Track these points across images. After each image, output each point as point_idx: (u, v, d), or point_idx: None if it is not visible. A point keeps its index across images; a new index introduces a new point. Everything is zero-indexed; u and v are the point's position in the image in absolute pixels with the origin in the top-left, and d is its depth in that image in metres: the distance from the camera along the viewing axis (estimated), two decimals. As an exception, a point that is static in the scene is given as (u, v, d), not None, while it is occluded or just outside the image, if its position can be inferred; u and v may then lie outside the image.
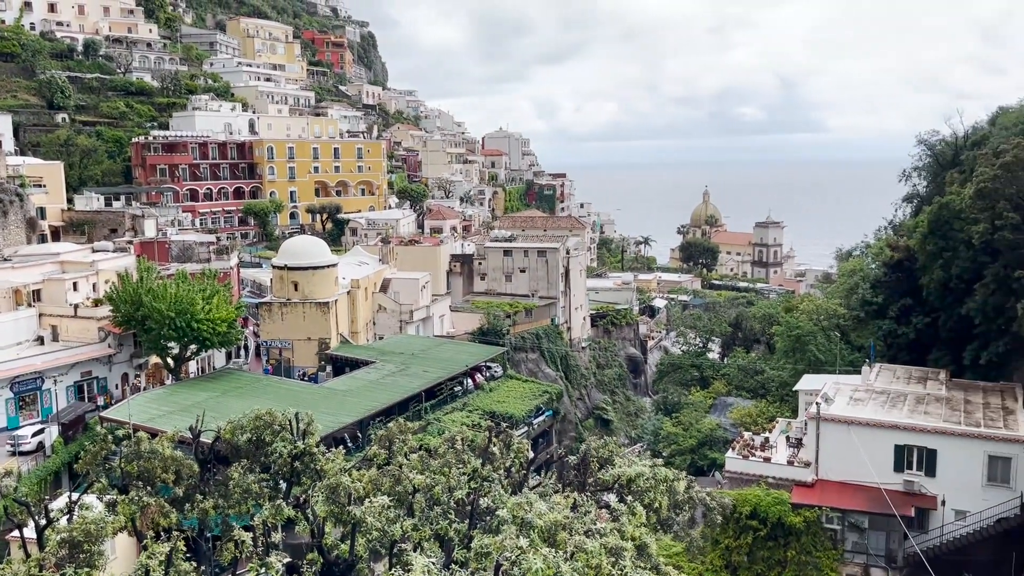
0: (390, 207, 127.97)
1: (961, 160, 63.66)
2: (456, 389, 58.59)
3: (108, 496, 26.43)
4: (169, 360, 53.97)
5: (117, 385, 55.03)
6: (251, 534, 22.75)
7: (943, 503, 41.81)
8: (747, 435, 51.23)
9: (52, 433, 45.83)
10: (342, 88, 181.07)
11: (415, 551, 20.50)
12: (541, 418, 60.93)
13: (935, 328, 57.72)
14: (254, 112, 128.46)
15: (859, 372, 53.07)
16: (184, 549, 22.48)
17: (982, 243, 49.03)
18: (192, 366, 58.46)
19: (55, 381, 51.54)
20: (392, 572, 18.76)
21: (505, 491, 22.16)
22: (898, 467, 42.74)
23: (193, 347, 53.65)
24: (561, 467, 30.64)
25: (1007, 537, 40.51)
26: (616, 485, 24.02)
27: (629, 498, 22.70)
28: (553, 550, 17.92)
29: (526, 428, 56.81)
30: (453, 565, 19.87)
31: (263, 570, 20.68)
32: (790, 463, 45.51)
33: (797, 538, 41.92)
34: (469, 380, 60.67)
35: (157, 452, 27.18)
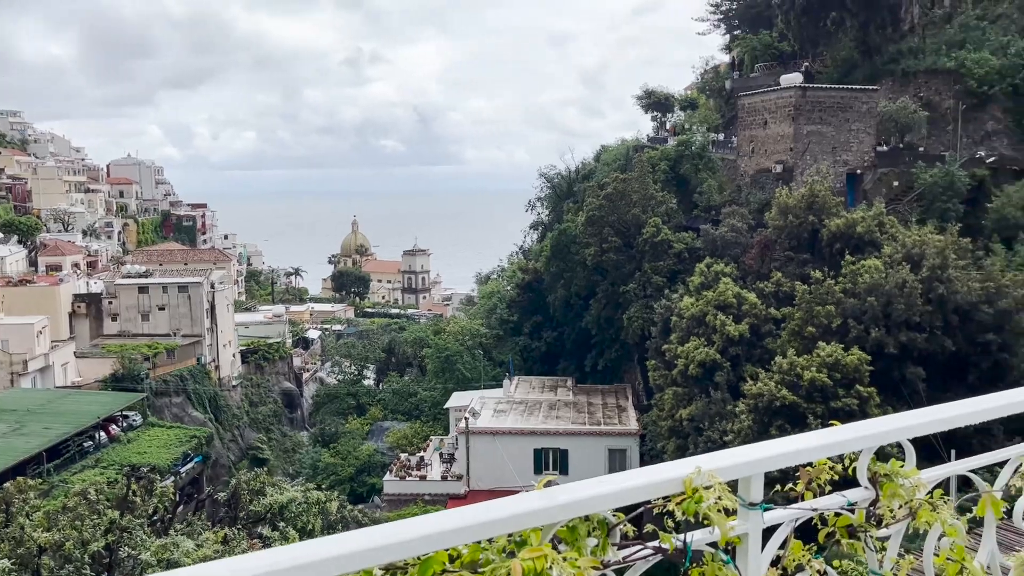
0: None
1: (575, 191, 72.27)
2: (86, 444, 52.53)
3: None
4: None
5: None
6: None
7: (576, 496, 46.89)
8: (403, 456, 52.81)
9: None
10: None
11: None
12: (190, 465, 56.93)
13: (562, 340, 64.74)
14: None
15: (501, 386, 57.58)
16: None
17: (594, 264, 56.20)
18: None
19: None
20: None
21: (149, 537, 20.46)
22: (538, 469, 47.06)
23: None
24: (212, 506, 29.09)
25: (627, 518, 46.61)
26: (269, 514, 23.45)
27: (282, 524, 22.28)
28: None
29: (173, 477, 52.67)
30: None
31: None
32: (444, 478, 47.84)
33: (454, 549, 44.06)
34: (103, 433, 54.78)
35: None
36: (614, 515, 1.85)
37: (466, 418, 48.35)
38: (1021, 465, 2.61)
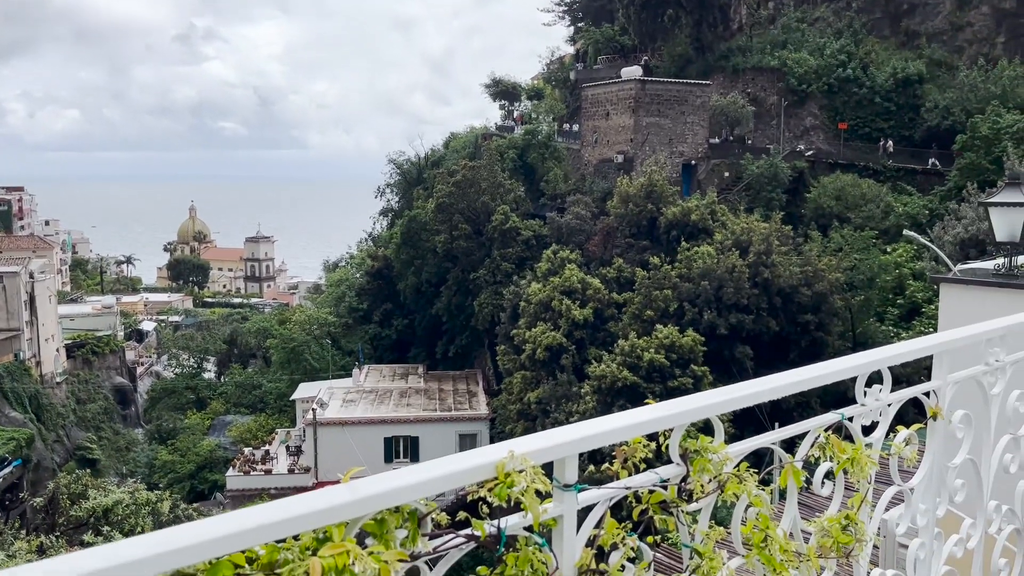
0: None
1: (425, 178, 71.68)
2: None
3: None
4: None
5: None
6: None
7: (427, 483, 46.90)
8: (248, 451, 50.95)
9: None
10: None
11: None
12: (7, 469, 52.57)
13: (413, 328, 64.40)
14: None
15: (351, 375, 56.57)
16: None
17: (444, 251, 56.14)
18: None
19: None
20: None
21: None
22: (388, 458, 46.70)
23: None
24: (27, 512, 26.87)
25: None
26: (92, 519, 21.87)
27: (107, 528, 20.87)
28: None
29: (-13, 484, 48.46)
30: None
31: None
32: (291, 471, 46.56)
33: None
34: (-99, 439, 49.45)
35: None
36: (425, 504, 1.80)
37: (313, 409, 47.20)
38: (819, 437, 2.79)
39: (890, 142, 53.94)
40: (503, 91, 78.43)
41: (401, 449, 46.87)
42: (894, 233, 44.50)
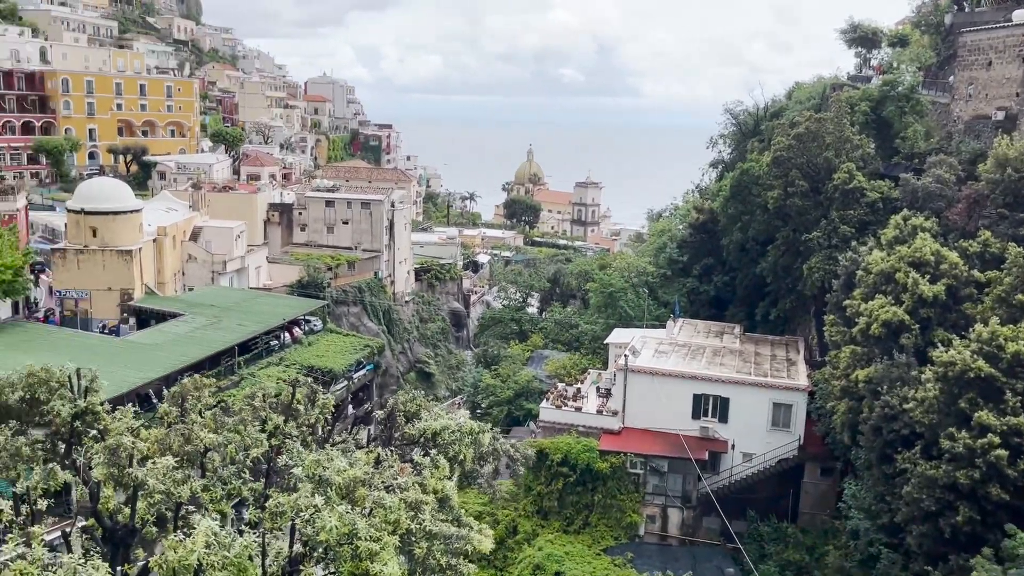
0: (203, 151, 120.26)
1: (761, 130, 68.16)
2: (272, 343, 56.62)
3: None
4: (-61, 311, 48.33)
5: None
6: (10, 503, 20.25)
7: (733, 447, 45.52)
8: (561, 386, 53.18)
9: None
10: (150, 20, 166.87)
11: (204, 513, 19.46)
12: (362, 372, 60.27)
13: (733, 286, 62.29)
14: (46, 39, 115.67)
15: (664, 326, 56.32)
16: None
17: (776, 208, 53.02)
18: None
19: None
20: (172, 536, 17.67)
21: (308, 448, 21.51)
22: (696, 414, 46.00)
23: (-31, 297, 48.33)
24: (371, 423, 30.37)
25: (785, 475, 44.89)
26: (422, 439, 24.00)
27: (433, 451, 22.76)
28: (351, 507, 17.63)
29: (346, 382, 56.00)
30: (245, 527, 19.12)
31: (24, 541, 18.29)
32: (599, 412, 47.77)
33: (604, 482, 44.30)
34: (287, 334, 58.79)
35: None
36: None
37: (626, 355, 47.77)
38: None
39: None
40: (860, 37, 71.28)
41: (710, 408, 45.86)
42: None
